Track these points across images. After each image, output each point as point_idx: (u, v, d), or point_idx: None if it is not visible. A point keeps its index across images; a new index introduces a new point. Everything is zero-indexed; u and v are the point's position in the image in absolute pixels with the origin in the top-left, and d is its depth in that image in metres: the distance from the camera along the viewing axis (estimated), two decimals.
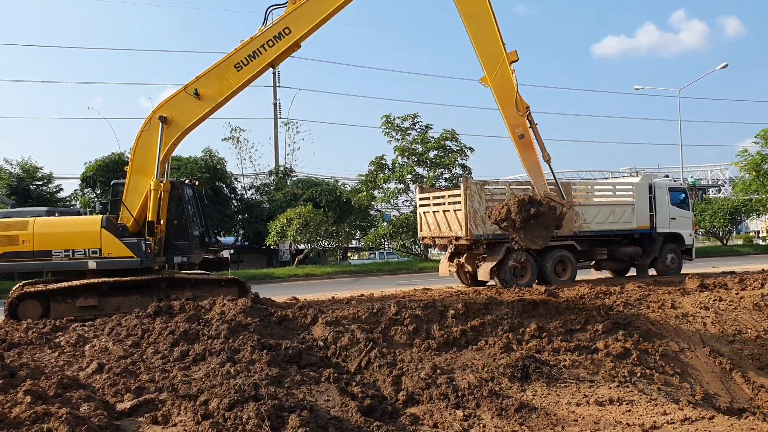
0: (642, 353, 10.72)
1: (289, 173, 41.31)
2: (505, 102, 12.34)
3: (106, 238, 12.55)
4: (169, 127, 12.86)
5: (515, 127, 12.39)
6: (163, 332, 9.94)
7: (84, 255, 12.54)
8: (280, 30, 12.59)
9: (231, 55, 12.80)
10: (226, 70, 12.76)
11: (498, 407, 7.89)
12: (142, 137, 12.94)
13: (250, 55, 12.65)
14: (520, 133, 12.41)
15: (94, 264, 12.55)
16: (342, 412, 7.41)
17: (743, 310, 12.79)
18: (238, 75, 12.73)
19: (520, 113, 12.31)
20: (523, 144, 12.42)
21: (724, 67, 41.62)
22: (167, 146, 12.94)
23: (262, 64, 12.78)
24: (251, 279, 24.55)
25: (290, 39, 12.66)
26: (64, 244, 12.56)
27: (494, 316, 11.40)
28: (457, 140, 35.02)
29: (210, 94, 12.81)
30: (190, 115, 12.91)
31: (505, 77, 12.26)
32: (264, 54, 12.67)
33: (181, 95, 12.87)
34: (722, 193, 64.35)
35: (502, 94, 12.35)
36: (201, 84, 12.80)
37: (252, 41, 12.69)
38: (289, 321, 10.95)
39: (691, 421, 7.54)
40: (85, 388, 7.90)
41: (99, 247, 12.53)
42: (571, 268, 17.50)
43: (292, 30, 12.59)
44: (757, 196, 42.95)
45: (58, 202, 34.31)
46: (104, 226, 12.60)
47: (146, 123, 12.94)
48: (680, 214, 19.78)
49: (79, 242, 12.57)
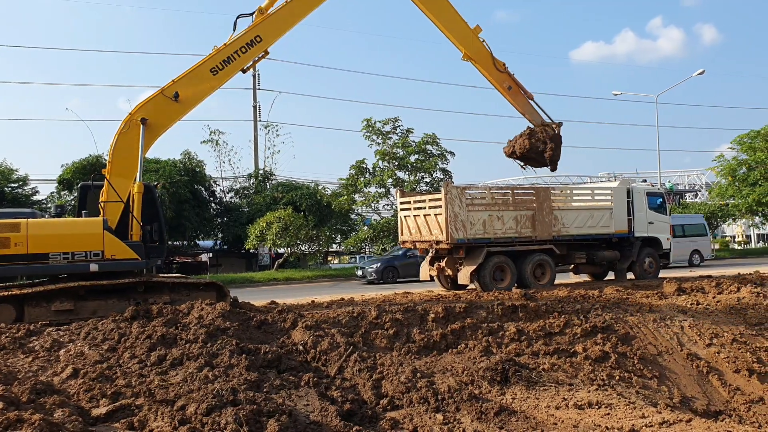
0: (620, 356, 10.79)
1: (268, 176, 41.15)
2: (487, 66, 15.65)
3: (109, 240, 12.37)
4: (149, 129, 12.92)
5: (502, 82, 15.77)
6: (141, 336, 9.81)
7: (85, 257, 12.28)
8: (251, 38, 13.52)
9: (206, 60, 13.34)
10: (203, 74, 13.31)
11: (478, 411, 7.88)
12: (121, 139, 12.84)
13: (225, 61, 13.35)
14: (507, 85, 15.84)
15: (96, 267, 12.30)
16: (321, 417, 7.36)
17: (720, 313, 12.93)
18: (214, 79, 13.38)
19: (501, 71, 15.72)
20: (513, 93, 15.95)
21: (701, 74, 42.22)
22: (148, 148, 13.05)
23: (236, 69, 13.59)
24: (230, 283, 24.40)
25: (261, 47, 13.66)
26: (62, 247, 12.25)
27: (474, 319, 11.42)
28: (438, 144, 35.12)
29: (189, 97, 13.24)
30: (169, 118, 13.21)
31: (478, 47, 15.56)
32: (237, 60, 13.48)
33: (160, 98, 13.02)
34: (699, 197, 65.23)
35: (481, 61, 15.60)
36: (180, 87, 13.08)
37: (225, 47, 13.41)
38: (268, 325, 10.87)
39: (669, 424, 7.58)
40: (59, 393, 7.76)
41: (101, 249, 12.31)
42: (550, 271, 17.58)
43: (263, 38, 13.59)
44: (733, 201, 43.61)
45: (33, 204, 33.85)
46: (106, 229, 12.42)
47: (124, 125, 12.88)
48: (658, 219, 19.97)
49: (80, 244, 12.29)
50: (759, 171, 42.21)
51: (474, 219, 16.47)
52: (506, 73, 15.70)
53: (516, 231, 17.00)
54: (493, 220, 16.68)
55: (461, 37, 15.38)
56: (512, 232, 16.96)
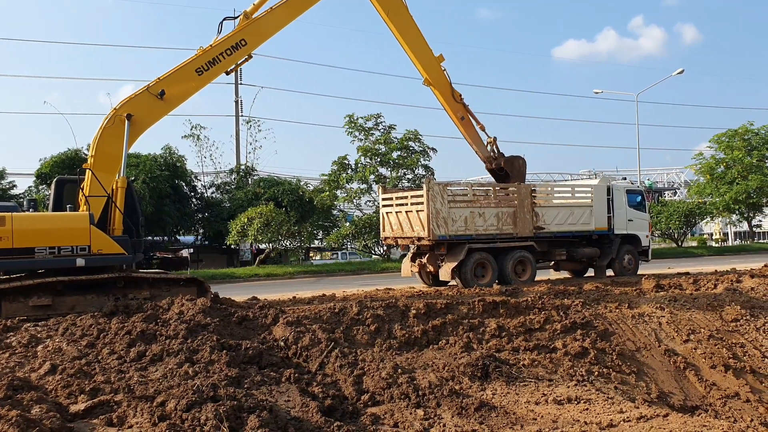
0: (599, 352, 10.90)
1: (250, 172, 40.94)
2: (445, 94, 16.87)
3: (95, 235, 12.28)
4: (133, 125, 12.96)
5: (456, 112, 17.08)
6: (120, 332, 9.74)
7: (71, 252, 12.16)
8: (236, 41, 13.75)
9: (192, 60, 13.51)
10: (189, 73, 13.48)
11: (458, 406, 7.91)
12: (105, 134, 12.84)
13: (210, 62, 13.53)
14: (461, 116, 17.15)
15: (82, 261, 12.21)
16: (302, 413, 7.35)
17: (697, 310, 13.10)
18: (200, 79, 13.55)
19: (457, 101, 16.99)
20: (465, 124, 17.30)
21: (680, 73, 42.63)
22: (131, 144, 13.06)
23: (221, 70, 13.81)
24: (211, 279, 24.25)
25: (245, 51, 13.95)
26: (48, 241, 12.08)
27: (455, 315, 11.47)
28: (420, 141, 35.16)
29: (174, 96, 13.39)
30: (154, 115, 13.36)
31: (439, 75, 16.71)
32: (222, 62, 13.69)
33: (145, 95, 13.11)
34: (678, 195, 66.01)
35: (441, 89, 16.82)
36: (165, 85, 13.20)
37: (211, 49, 13.58)
38: (249, 321, 10.83)
39: (647, 419, 7.68)
40: (37, 389, 7.68)
41: (88, 243, 12.20)
42: (530, 268, 17.68)
43: (247, 42, 13.88)
44: (711, 199, 44.19)
45: (11, 198, 33.38)
46: (93, 223, 12.31)
47: (109, 120, 12.89)
48: (637, 216, 20.15)
49: (66, 239, 12.15)
50: (736, 169, 42.83)
51: (456, 215, 16.51)
52: (461, 104, 17.05)
53: (497, 228, 17.08)
54: (474, 216, 16.74)
55: (425, 62, 16.46)
56: (493, 229, 17.04)
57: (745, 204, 42.97)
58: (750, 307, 13.44)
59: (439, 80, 16.63)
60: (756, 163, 42.90)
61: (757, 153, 43.19)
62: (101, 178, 12.72)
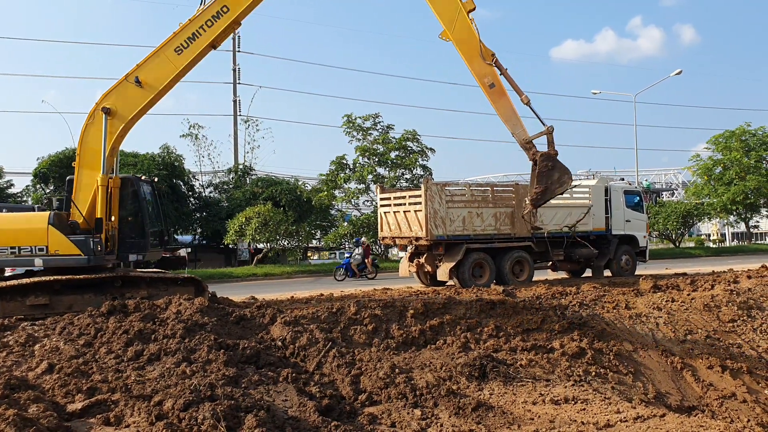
0: (597, 353, 10.90)
1: (248, 171, 40.92)
2: (470, 53, 12.03)
3: (53, 235, 12.14)
4: (113, 118, 12.39)
5: (483, 77, 12.04)
6: (117, 331, 9.72)
7: (30, 252, 12.17)
8: (218, 9, 12.24)
9: (170, 40, 12.38)
10: (167, 55, 12.36)
11: (455, 406, 7.92)
12: (88, 131, 12.48)
13: (190, 38, 12.27)
14: (489, 82, 12.03)
15: (40, 262, 12.19)
16: (300, 412, 7.36)
17: (694, 310, 13.12)
18: (179, 59, 12.35)
19: (487, 62, 11.98)
20: (495, 93, 12.05)
21: (678, 74, 42.70)
22: (112, 138, 12.46)
23: (203, 45, 12.39)
24: (209, 278, 24.26)
25: (229, 17, 12.31)
26: (10, 241, 12.18)
27: (453, 315, 11.47)
28: (419, 141, 35.17)
29: (151, 81, 12.38)
30: (133, 105, 12.45)
31: (465, 28, 12.01)
32: (203, 35, 12.28)
33: (123, 85, 12.41)
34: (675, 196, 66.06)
35: (465, 47, 12.06)
36: (142, 71, 12.36)
37: (190, 23, 12.33)
38: (247, 321, 10.82)
39: (644, 419, 7.70)
40: (34, 388, 7.67)
41: (46, 244, 12.14)
42: (528, 268, 17.70)
43: (230, 8, 12.25)
44: (708, 200, 44.23)
45: (9, 197, 33.37)
46: (51, 223, 12.19)
47: (90, 116, 12.50)
48: (635, 217, 20.18)
49: (25, 239, 12.19)
50: (734, 170, 42.90)
51: (453, 216, 16.54)
52: (492, 66, 12.08)
53: (495, 228, 17.10)
54: (472, 216, 16.77)
55: (446, 10, 12.14)
56: (491, 229, 17.06)
57: (742, 205, 43.04)
58: (747, 307, 13.47)
59: (463, 35, 12.05)
60: (754, 164, 42.95)
61: (755, 154, 43.24)
62: (88, 176, 12.45)
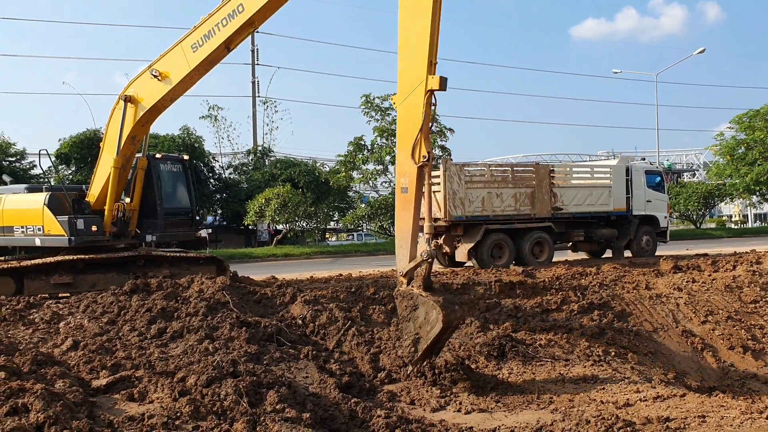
0: (616, 333, 10.88)
1: (267, 153, 40.99)
2: (404, 138, 8.91)
3: (46, 215, 12.65)
4: (134, 106, 12.50)
5: (401, 175, 8.95)
6: (140, 310, 9.87)
7: (33, 232, 12.86)
8: (234, 8, 11.39)
9: (188, 35, 11.99)
10: (184, 50, 11.98)
11: (474, 385, 7.97)
12: (113, 115, 12.80)
13: (205, 35, 11.70)
14: (404, 185, 8.88)
15: (39, 241, 12.83)
16: (320, 389, 7.45)
17: (715, 291, 13.02)
18: (194, 56, 11.85)
19: (414, 161, 8.66)
20: (403, 200, 8.94)
21: (701, 52, 41.97)
22: (130, 126, 12.52)
23: (216, 44, 11.67)
24: (229, 258, 24.39)
25: (243, 17, 11.34)
26: (21, 221, 12.97)
27: (471, 296, 11.50)
28: (437, 121, 34.90)
29: (168, 75, 12.12)
30: (151, 96, 12.41)
31: (414, 106, 8.68)
32: (218, 34, 11.58)
33: (145, 75, 12.43)
34: (696, 177, 65.22)
35: (404, 126, 8.91)
36: (160, 64, 12.26)
37: (206, 21, 11.76)
38: (267, 299, 10.94)
39: (663, 398, 7.68)
40: (60, 364, 7.84)
41: (41, 224, 12.72)
42: (548, 249, 17.62)
43: (245, 8, 11.27)
44: (730, 180, 43.59)
45: (31, 178, 33.74)
46: (46, 204, 12.65)
47: (117, 101, 12.74)
48: (656, 197, 19.98)
49: (29, 219, 12.91)
50: (757, 150, 42.12)
51: (473, 196, 16.46)
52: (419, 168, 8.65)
53: (515, 208, 17.01)
54: (491, 197, 16.68)
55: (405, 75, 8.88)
56: (511, 210, 16.98)
57: (766, 185, 42.36)
58: None
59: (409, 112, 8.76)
60: None
61: None
62: (108, 160, 12.78)
